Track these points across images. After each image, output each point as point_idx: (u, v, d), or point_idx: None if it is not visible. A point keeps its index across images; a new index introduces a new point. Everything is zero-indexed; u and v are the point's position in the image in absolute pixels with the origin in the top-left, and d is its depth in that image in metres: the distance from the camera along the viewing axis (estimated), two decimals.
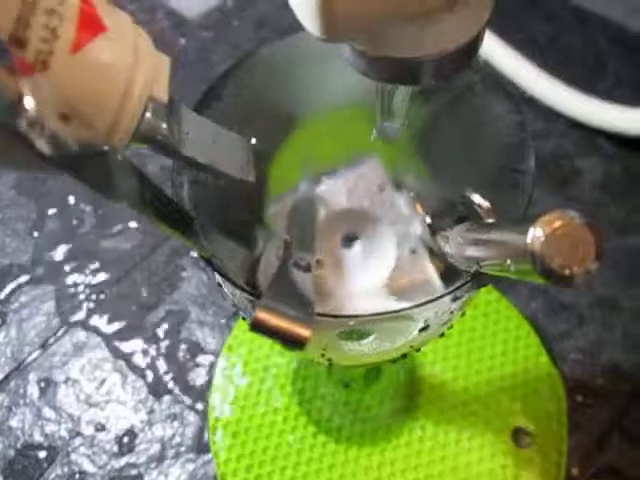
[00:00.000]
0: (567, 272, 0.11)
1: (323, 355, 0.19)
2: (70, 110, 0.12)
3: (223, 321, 0.35)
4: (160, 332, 0.35)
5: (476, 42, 0.14)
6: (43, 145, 0.11)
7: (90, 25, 0.13)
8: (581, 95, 0.40)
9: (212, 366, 0.34)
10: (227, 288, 0.17)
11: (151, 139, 0.15)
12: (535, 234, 0.11)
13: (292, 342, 0.12)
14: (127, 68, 0.14)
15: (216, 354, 0.34)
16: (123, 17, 0.15)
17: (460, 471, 0.30)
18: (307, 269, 0.14)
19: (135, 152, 0.42)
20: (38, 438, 0.32)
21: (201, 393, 0.33)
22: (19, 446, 0.32)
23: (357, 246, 0.18)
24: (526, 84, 0.41)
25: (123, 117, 0.14)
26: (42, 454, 0.32)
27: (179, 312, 0.36)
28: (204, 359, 0.34)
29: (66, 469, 0.31)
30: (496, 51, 0.42)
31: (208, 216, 0.18)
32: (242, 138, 0.18)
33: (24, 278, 0.37)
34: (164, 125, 0.15)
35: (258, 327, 0.12)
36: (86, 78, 0.13)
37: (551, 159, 0.40)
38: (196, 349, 0.34)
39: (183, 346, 0.35)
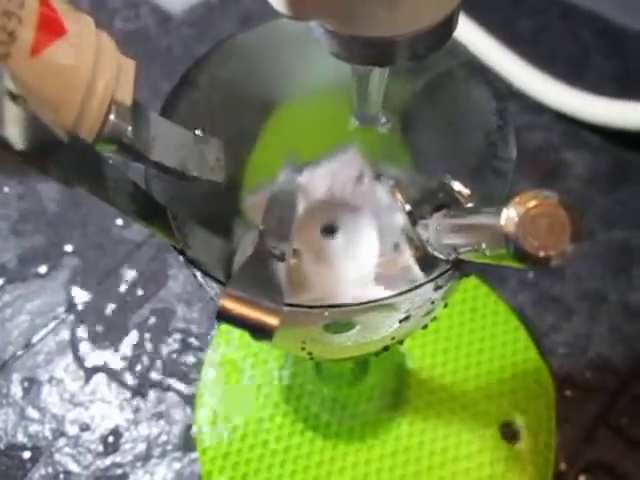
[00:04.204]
0: (542, 254, 0.10)
1: (303, 349, 0.19)
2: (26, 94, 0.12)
3: (210, 319, 0.35)
4: (146, 330, 0.35)
5: (451, 21, 0.13)
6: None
7: (50, 28, 0.13)
8: (567, 88, 0.40)
9: (198, 364, 0.33)
10: (202, 280, 0.17)
11: (116, 142, 0.15)
12: (508, 215, 0.10)
13: (259, 331, 0.12)
14: (88, 72, 0.14)
15: (202, 352, 0.34)
16: (85, 20, 0.14)
17: (448, 466, 0.30)
18: (281, 258, 0.14)
19: None
20: (21, 438, 0.32)
21: (187, 391, 0.33)
22: (2, 446, 0.31)
23: (337, 237, 0.18)
24: (512, 78, 0.41)
25: (84, 122, 0.14)
26: (26, 454, 0.31)
27: (165, 310, 0.35)
28: (190, 357, 0.34)
29: (50, 469, 0.31)
30: (482, 45, 0.42)
31: (185, 208, 0.18)
32: (212, 138, 0.17)
33: (7, 277, 0.37)
34: (129, 128, 0.15)
35: (224, 316, 0.12)
36: (45, 82, 0.13)
37: (537, 152, 0.40)
38: (182, 347, 0.34)
39: (169, 344, 0.34)
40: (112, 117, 0.14)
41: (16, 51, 0.12)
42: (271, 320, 0.12)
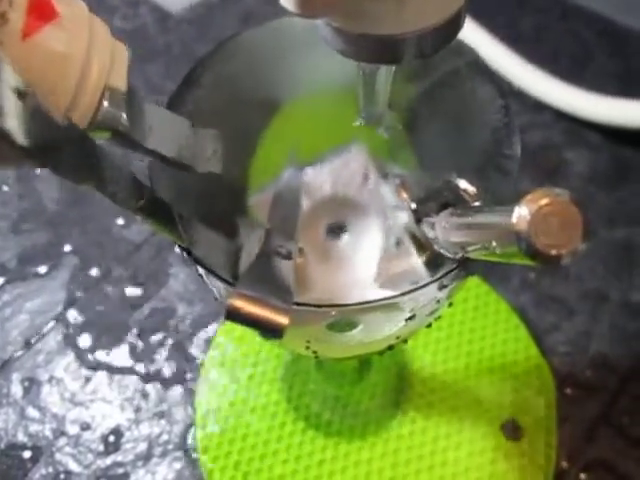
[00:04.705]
0: (554, 252, 0.10)
1: (308, 347, 0.19)
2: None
3: (211, 317, 0.35)
4: (146, 329, 0.35)
5: (458, 19, 0.13)
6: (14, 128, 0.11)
7: (41, 12, 0.13)
8: (568, 87, 0.40)
9: (199, 363, 0.33)
10: (208, 279, 0.17)
11: (110, 129, 0.15)
12: (520, 213, 0.10)
13: (269, 330, 0.12)
14: (81, 57, 0.13)
15: (203, 351, 0.34)
16: (77, 3, 0.14)
17: (450, 465, 0.30)
18: (287, 257, 0.14)
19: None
20: (22, 438, 0.32)
21: (188, 390, 0.33)
22: (3, 446, 0.31)
23: (342, 236, 0.18)
24: (513, 76, 0.41)
25: (77, 108, 0.14)
26: (26, 454, 0.31)
27: (166, 309, 0.35)
28: (191, 355, 0.34)
29: (51, 469, 0.31)
30: (483, 44, 0.42)
31: (189, 206, 0.18)
32: (209, 130, 0.17)
33: (6, 277, 0.37)
34: (124, 115, 0.15)
35: (233, 315, 0.12)
36: (38, 66, 0.13)
37: (538, 151, 0.40)
38: (183, 346, 0.34)
39: (170, 343, 0.34)
40: (106, 104, 0.14)
41: (7, 34, 0.12)
42: (281, 319, 0.12)
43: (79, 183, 0.13)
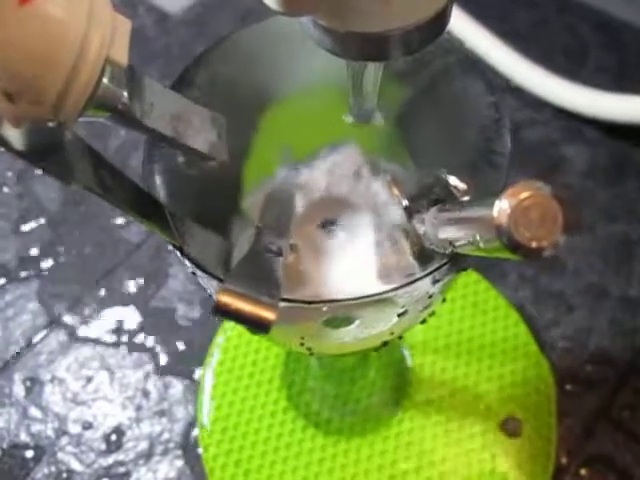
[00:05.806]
0: (534, 245, 0.10)
1: (302, 344, 0.19)
2: (16, 84, 0.12)
3: (211, 317, 0.35)
4: (147, 329, 0.35)
5: (444, 14, 0.13)
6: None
7: None
8: (565, 83, 0.40)
9: (200, 362, 0.33)
10: (200, 277, 0.17)
11: (110, 107, 0.14)
12: (501, 206, 0.10)
13: (256, 326, 0.12)
14: (81, 26, 0.13)
15: (204, 350, 0.34)
16: None
17: (449, 461, 0.30)
18: (278, 253, 0.14)
19: (117, 147, 0.41)
20: (24, 438, 0.32)
21: (189, 389, 0.33)
22: (5, 446, 0.32)
23: (335, 232, 0.18)
24: (511, 73, 0.41)
25: (77, 80, 0.13)
26: (29, 454, 0.31)
27: (165, 309, 0.35)
28: (192, 355, 0.34)
29: (53, 468, 0.31)
30: (480, 40, 0.42)
31: (183, 205, 0.18)
32: (214, 113, 0.17)
33: (8, 277, 0.37)
34: (124, 93, 0.14)
35: (220, 310, 0.12)
36: (36, 34, 0.12)
37: (537, 147, 0.40)
38: (183, 346, 0.34)
39: (170, 343, 0.34)
40: (105, 80, 0.13)
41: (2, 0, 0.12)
42: (267, 314, 0.12)
43: (73, 184, 0.13)
